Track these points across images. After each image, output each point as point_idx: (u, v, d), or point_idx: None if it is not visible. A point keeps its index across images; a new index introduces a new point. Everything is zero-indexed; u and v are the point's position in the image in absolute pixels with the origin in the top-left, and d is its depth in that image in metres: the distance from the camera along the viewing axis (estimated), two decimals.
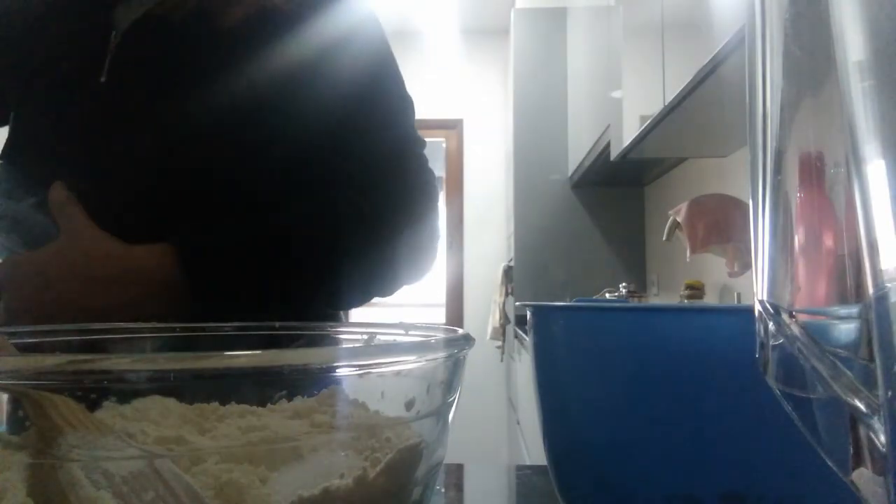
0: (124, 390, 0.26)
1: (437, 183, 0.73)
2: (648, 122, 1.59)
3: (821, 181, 0.16)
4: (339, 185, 0.67)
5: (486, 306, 3.68)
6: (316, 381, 0.29)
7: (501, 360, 3.63)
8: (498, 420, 3.78)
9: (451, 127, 4.06)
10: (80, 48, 0.67)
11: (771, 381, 0.18)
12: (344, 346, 0.39)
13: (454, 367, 0.27)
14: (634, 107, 1.76)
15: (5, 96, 0.72)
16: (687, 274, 2.14)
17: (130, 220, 0.61)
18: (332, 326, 0.40)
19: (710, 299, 1.96)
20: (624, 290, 2.45)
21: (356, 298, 0.69)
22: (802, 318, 0.16)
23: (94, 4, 0.69)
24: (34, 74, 0.69)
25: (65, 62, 0.67)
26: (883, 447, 0.14)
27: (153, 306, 0.57)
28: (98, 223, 0.59)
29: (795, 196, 0.17)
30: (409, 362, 0.25)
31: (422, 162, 0.71)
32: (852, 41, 0.14)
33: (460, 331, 0.30)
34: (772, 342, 0.17)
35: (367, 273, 0.66)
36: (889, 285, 0.13)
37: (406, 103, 0.72)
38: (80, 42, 0.67)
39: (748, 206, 0.18)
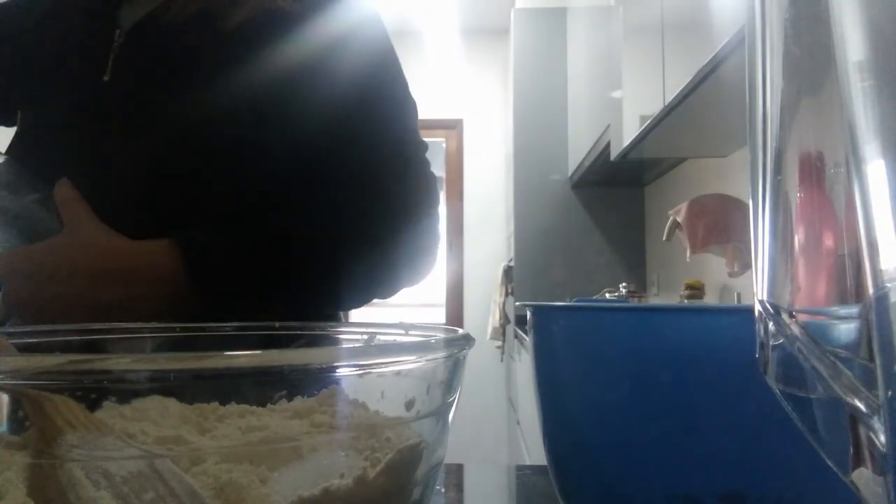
0: (124, 390, 0.26)
1: (438, 186, 0.73)
2: (648, 122, 1.59)
3: (821, 181, 0.16)
4: (339, 185, 0.67)
5: (486, 306, 3.68)
6: (316, 381, 0.29)
7: (501, 360, 3.63)
8: (498, 420, 3.78)
9: (451, 127, 4.05)
10: (85, 47, 0.67)
11: (771, 381, 0.18)
12: (344, 346, 0.39)
13: (454, 367, 0.27)
14: (634, 107, 1.76)
15: (12, 94, 0.72)
16: (687, 274, 2.14)
17: (131, 218, 0.61)
18: (332, 326, 0.40)
19: (710, 299, 1.96)
20: (624, 290, 2.45)
21: (356, 299, 0.69)
22: (802, 318, 0.16)
23: (98, 3, 0.69)
24: (40, 72, 0.69)
25: (69, 60, 0.67)
26: (883, 447, 0.14)
27: (158, 303, 0.57)
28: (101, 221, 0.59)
29: (795, 196, 0.17)
30: (409, 362, 0.25)
31: (423, 165, 0.71)
32: (852, 41, 0.14)
33: (460, 331, 0.30)
34: (772, 342, 0.17)
35: (367, 273, 0.66)
36: (889, 285, 0.13)
37: (408, 105, 0.71)
38: (84, 41, 0.68)
39: (748, 206, 0.18)
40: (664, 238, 1.87)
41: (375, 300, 0.71)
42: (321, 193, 0.66)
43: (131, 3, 0.68)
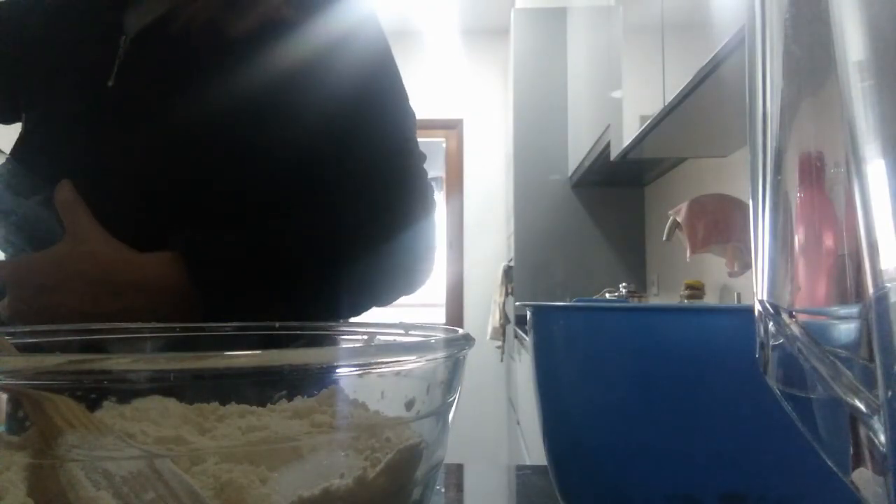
0: (124, 390, 0.25)
1: (435, 196, 0.73)
2: (648, 122, 1.59)
3: (821, 181, 0.16)
4: (337, 188, 0.67)
5: (486, 306, 3.67)
6: (316, 381, 0.29)
7: (501, 360, 3.63)
8: (498, 420, 3.78)
9: (451, 127, 4.05)
10: (90, 52, 0.67)
11: (771, 381, 0.18)
12: (344, 346, 0.39)
13: (454, 367, 0.27)
14: (634, 107, 1.76)
15: (17, 95, 0.72)
16: (687, 274, 2.14)
17: (133, 222, 0.61)
18: (332, 326, 0.40)
19: (710, 299, 1.96)
20: (624, 290, 2.45)
21: (355, 305, 0.69)
22: (802, 318, 0.16)
23: (104, 9, 0.69)
24: (46, 76, 0.69)
25: (75, 65, 0.68)
26: (883, 447, 0.14)
27: (159, 314, 0.57)
28: (101, 224, 0.59)
29: (795, 196, 0.17)
30: (409, 362, 0.25)
31: (420, 174, 0.71)
32: (852, 41, 0.14)
33: (460, 331, 0.30)
34: (772, 342, 0.17)
35: (364, 280, 0.66)
36: (889, 285, 0.13)
37: (406, 115, 0.71)
38: (90, 46, 0.68)
39: (748, 206, 0.18)
40: (664, 238, 1.87)
41: (373, 306, 0.71)
42: (320, 195, 0.66)
43: (137, 10, 0.68)
